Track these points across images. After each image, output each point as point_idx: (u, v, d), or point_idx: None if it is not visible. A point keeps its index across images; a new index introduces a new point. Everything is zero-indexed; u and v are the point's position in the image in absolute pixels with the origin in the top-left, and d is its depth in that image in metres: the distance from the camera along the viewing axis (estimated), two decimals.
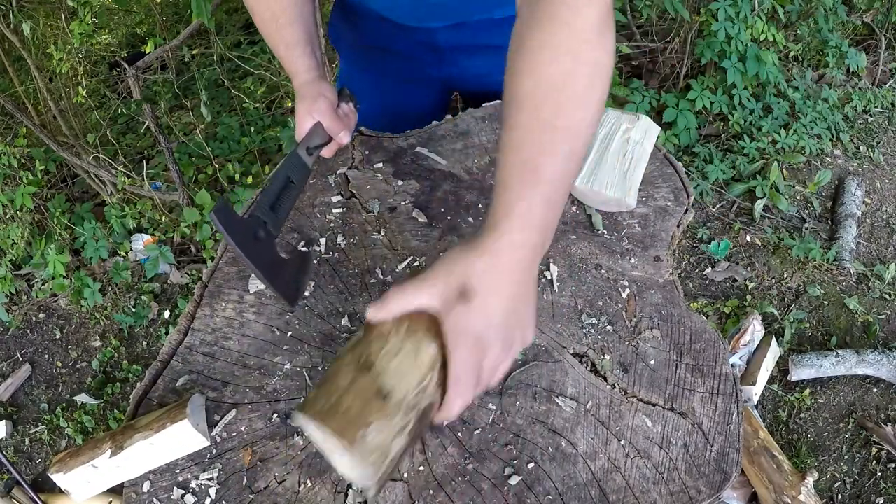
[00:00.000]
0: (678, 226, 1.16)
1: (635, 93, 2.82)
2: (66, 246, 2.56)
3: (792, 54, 3.29)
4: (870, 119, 3.17)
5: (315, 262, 1.10)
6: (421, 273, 0.75)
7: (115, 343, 2.49)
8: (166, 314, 2.55)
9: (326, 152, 1.22)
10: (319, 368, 0.98)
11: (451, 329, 0.72)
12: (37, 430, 2.30)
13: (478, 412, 0.94)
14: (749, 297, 2.44)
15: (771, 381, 2.20)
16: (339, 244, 1.12)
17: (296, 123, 1.18)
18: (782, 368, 2.23)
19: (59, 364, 2.47)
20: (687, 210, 1.19)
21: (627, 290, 1.07)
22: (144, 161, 2.79)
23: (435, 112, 1.59)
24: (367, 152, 1.26)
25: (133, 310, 2.54)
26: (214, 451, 0.92)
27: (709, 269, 2.56)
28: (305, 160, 1.11)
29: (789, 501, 1.76)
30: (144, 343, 2.50)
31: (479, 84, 1.45)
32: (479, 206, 1.17)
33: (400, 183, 1.21)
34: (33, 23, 2.58)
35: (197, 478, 0.90)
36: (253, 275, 1.08)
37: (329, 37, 1.50)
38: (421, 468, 0.89)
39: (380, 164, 1.24)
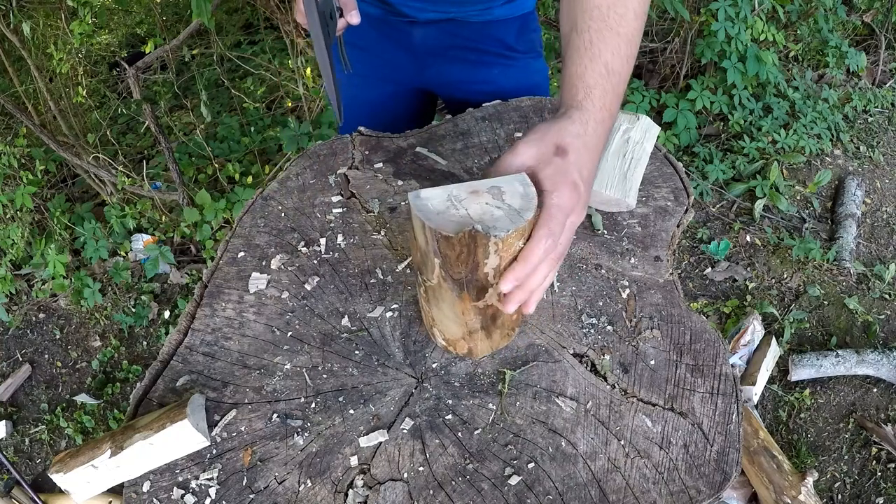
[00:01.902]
0: (678, 226, 1.16)
1: (635, 93, 2.82)
2: (66, 246, 2.56)
3: (792, 54, 3.30)
4: (870, 119, 3.17)
5: (315, 261, 1.10)
6: (518, 141, 0.83)
7: (115, 343, 2.49)
8: (166, 314, 2.55)
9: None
10: (319, 368, 0.98)
11: (550, 176, 0.79)
12: (37, 430, 2.30)
13: (478, 412, 0.94)
14: (749, 297, 2.44)
15: (771, 381, 2.20)
16: (339, 244, 1.12)
17: None
18: (782, 368, 2.23)
19: (59, 364, 2.47)
20: (687, 210, 1.19)
21: (627, 290, 1.07)
22: (144, 161, 2.80)
23: (417, 117, 1.58)
24: (367, 152, 1.26)
25: (133, 310, 2.54)
26: (214, 451, 0.92)
27: (709, 269, 2.56)
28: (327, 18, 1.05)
29: (789, 501, 1.76)
30: (144, 343, 2.50)
31: (459, 91, 1.45)
32: None
33: (400, 183, 1.21)
34: (33, 23, 2.58)
35: (197, 478, 0.90)
36: (315, 46, 1.02)
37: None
38: (421, 468, 0.89)
39: (380, 164, 1.24)
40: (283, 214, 1.16)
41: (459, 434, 0.92)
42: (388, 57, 1.41)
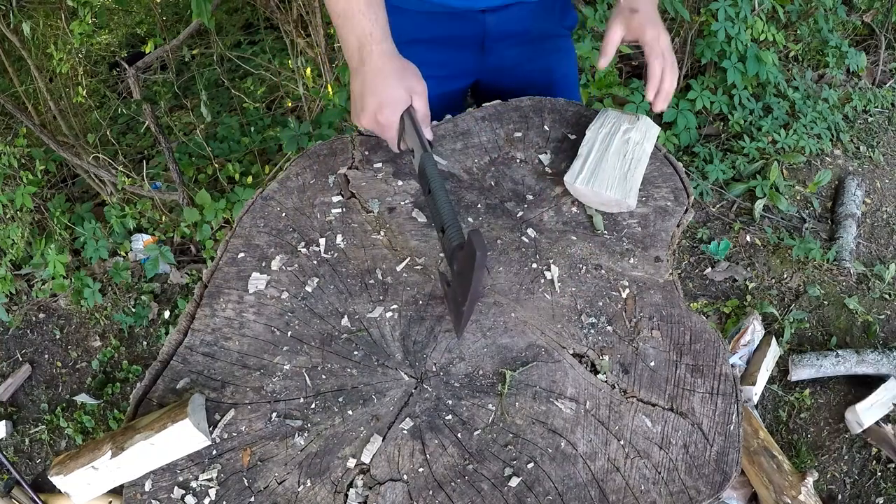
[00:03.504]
0: (678, 226, 1.16)
1: (635, 93, 2.82)
2: (66, 246, 2.56)
3: (792, 54, 3.30)
4: (870, 119, 3.17)
5: (315, 261, 1.10)
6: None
7: (115, 343, 2.49)
8: (166, 314, 2.55)
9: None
10: (319, 368, 0.98)
11: (635, 26, 1.19)
12: (37, 430, 2.30)
13: (477, 412, 0.94)
14: (749, 297, 2.44)
15: (771, 381, 2.20)
16: (339, 244, 1.12)
17: (385, 102, 1.09)
18: (782, 368, 2.23)
19: (59, 364, 2.47)
20: (687, 210, 1.19)
21: (627, 290, 1.07)
22: (144, 161, 2.79)
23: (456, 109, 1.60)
24: (367, 152, 1.26)
25: (133, 310, 2.54)
26: (214, 452, 0.92)
27: (709, 269, 2.56)
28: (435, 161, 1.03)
29: (789, 501, 1.76)
30: (144, 343, 2.50)
31: (506, 77, 1.48)
32: (479, 206, 1.17)
33: (400, 183, 1.21)
34: (33, 23, 2.58)
35: (197, 478, 0.90)
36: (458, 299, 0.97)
37: None
38: (421, 468, 0.89)
39: (380, 164, 1.24)
40: (282, 214, 1.16)
41: (459, 434, 0.92)
42: (458, 43, 1.42)
